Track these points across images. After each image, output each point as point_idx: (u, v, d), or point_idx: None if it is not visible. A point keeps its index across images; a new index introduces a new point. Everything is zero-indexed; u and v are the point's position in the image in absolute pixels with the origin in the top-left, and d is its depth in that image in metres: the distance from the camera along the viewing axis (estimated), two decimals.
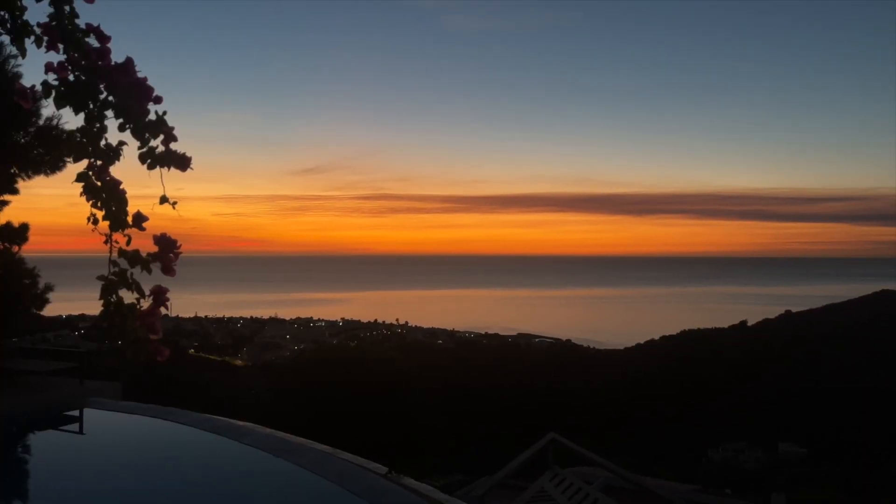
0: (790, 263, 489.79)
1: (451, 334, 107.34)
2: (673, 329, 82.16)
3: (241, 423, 5.05)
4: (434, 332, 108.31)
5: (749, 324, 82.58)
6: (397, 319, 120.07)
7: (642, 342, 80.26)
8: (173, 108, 1.85)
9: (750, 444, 50.72)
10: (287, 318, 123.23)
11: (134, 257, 1.78)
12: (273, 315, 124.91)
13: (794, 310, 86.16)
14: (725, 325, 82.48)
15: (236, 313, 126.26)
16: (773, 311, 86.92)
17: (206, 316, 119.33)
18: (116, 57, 1.82)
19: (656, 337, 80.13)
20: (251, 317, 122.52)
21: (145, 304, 1.81)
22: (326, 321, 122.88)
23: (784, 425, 53.62)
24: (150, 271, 1.80)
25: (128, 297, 1.80)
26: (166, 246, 1.80)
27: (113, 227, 1.78)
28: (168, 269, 1.82)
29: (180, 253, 1.83)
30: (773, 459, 48.08)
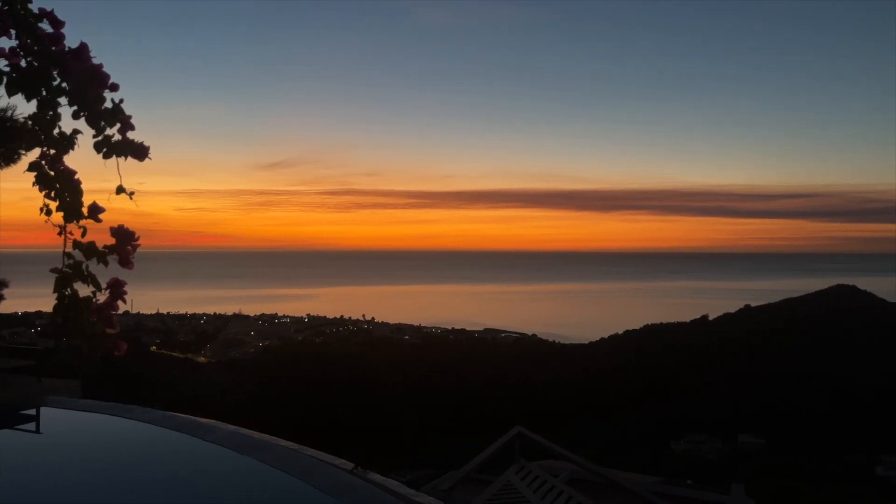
0: (750, 259, 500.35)
1: (417, 330, 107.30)
2: (636, 323, 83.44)
3: (204, 420, 4.96)
4: (401, 328, 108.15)
5: (710, 318, 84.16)
6: (364, 315, 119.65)
7: (606, 336, 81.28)
8: (133, 97, 1.79)
9: (711, 435, 51.74)
10: (251, 315, 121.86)
11: (90, 249, 1.73)
12: (237, 311, 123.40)
13: (753, 304, 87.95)
14: (687, 320, 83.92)
15: (199, 310, 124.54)
16: (734, 306, 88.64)
17: (168, 312, 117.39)
18: (70, 42, 1.77)
19: (620, 331, 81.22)
20: (215, 313, 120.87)
21: (102, 297, 1.76)
22: (292, 317, 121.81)
23: (743, 417, 54.81)
24: (106, 264, 1.74)
25: (83, 290, 1.74)
26: (124, 238, 1.75)
27: (67, 219, 1.72)
28: (126, 262, 1.77)
29: (138, 245, 1.78)
30: (733, 450, 49.13)
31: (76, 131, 1.76)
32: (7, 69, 1.73)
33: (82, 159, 1.79)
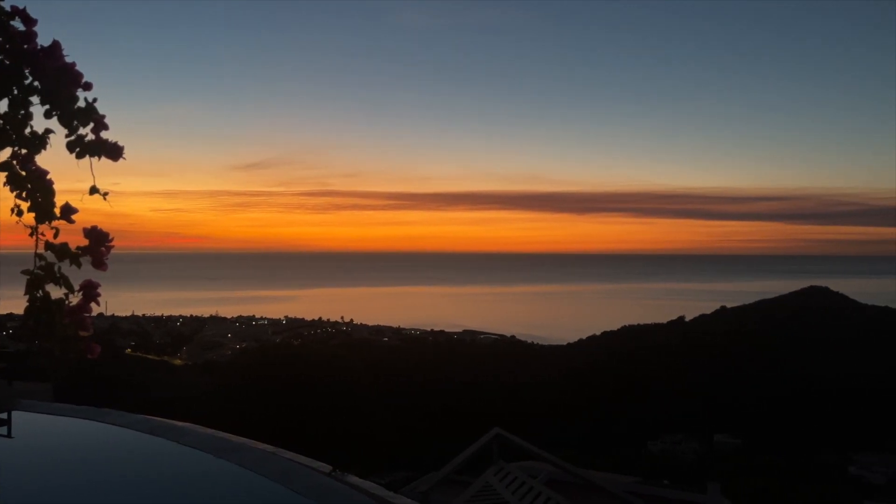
0: (725, 260, 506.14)
1: (396, 331, 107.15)
2: (613, 324, 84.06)
3: (179, 423, 4.91)
4: (380, 330, 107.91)
5: (686, 319, 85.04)
6: (342, 317, 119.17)
7: (584, 337, 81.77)
8: (108, 97, 1.76)
9: (687, 435, 52.22)
10: (229, 317, 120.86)
11: (62, 251, 1.70)
12: (214, 313, 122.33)
13: (728, 305, 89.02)
14: (664, 321, 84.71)
15: (176, 312, 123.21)
16: (709, 307, 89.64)
17: (143, 315, 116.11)
18: (43, 41, 1.74)
19: (597, 332, 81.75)
20: (191, 315, 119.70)
21: (74, 299, 1.73)
22: (269, 319, 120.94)
23: (719, 417, 55.42)
24: (79, 265, 1.71)
25: (56, 292, 1.71)
26: (97, 239, 1.73)
27: (39, 219, 1.69)
28: (99, 264, 1.74)
29: (112, 247, 1.75)
30: (709, 450, 49.63)
31: (48, 131, 1.72)
32: None
33: (55, 159, 1.75)
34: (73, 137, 1.73)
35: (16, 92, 1.70)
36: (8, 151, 1.71)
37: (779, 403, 56.64)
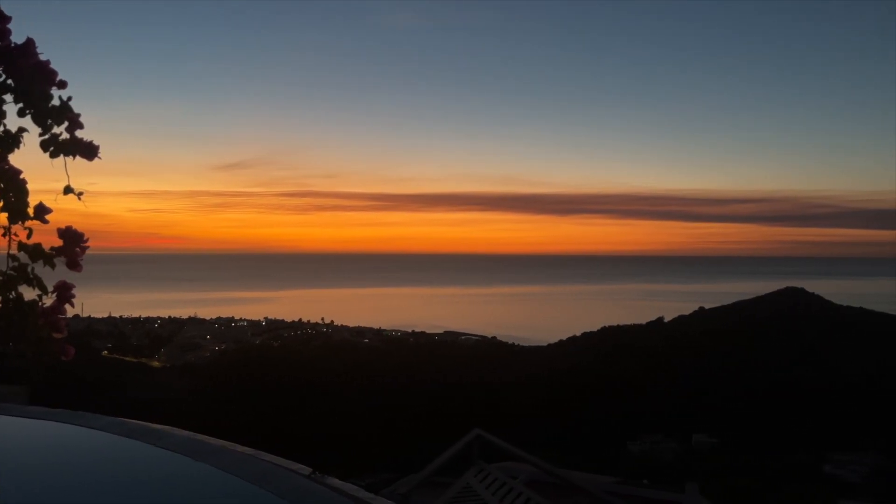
0: (704, 262, 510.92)
1: (377, 333, 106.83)
2: (593, 325, 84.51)
3: (157, 426, 4.85)
4: (360, 331, 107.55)
5: (665, 320, 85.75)
6: (323, 318, 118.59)
7: (564, 338, 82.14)
8: (83, 95, 1.74)
9: (666, 435, 52.65)
10: (208, 318, 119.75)
11: (36, 251, 1.67)
12: (193, 314, 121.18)
13: (707, 306, 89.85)
14: (643, 322, 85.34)
15: (153, 313, 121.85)
16: (688, 308, 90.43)
17: (120, 316, 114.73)
18: (17, 38, 1.71)
19: (578, 333, 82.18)
20: (169, 316, 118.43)
21: (48, 300, 1.70)
22: (249, 321, 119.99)
23: (697, 417, 55.93)
24: (53, 266, 1.68)
25: (29, 293, 1.69)
26: (72, 239, 1.70)
27: (12, 219, 1.66)
28: (74, 264, 1.71)
29: (87, 247, 1.73)
30: (687, 450, 50.07)
31: (22, 129, 1.70)
32: None
33: (28, 158, 1.73)
34: (47, 136, 1.70)
35: None
36: None
37: (755, 403, 57.31)
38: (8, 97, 1.68)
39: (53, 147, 1.70)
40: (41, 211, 1.69)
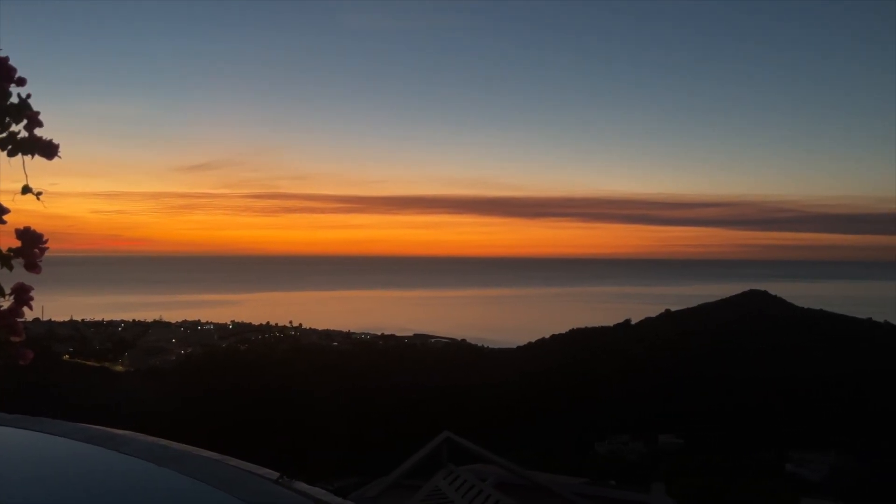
0: (669, 265, 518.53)
1: (346, 336, 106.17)
2: (562, 328, 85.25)
3: (119, 431, 4.75)
4: (329, 334, 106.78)
5: (632, 322, 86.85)
6: (291, 321, 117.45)
7: (533, 341, 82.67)
8: (44, 93, 1.70)
9: (633, 436, 53.25)
10: (173, 321, 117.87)
11: None
12: (158, 318, 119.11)
13: (672, 308, 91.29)
14: (611, 324, 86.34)
15: (117, 316, 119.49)
16: (654, 310, 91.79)
17: (82, 319, 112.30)
18: None
19: (547, 335, 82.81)
20: (133, 320, 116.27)
21: (6, 303, 1.65)
22: (215, 324, 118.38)
23: (663, 417, 56.70)
24: (10, 268, 1.64)
25: None
26: (30, 240, 1.65)
27: None
28: (32, 266, 1.67)
29: (46, 248, 1.68)
30: (653, 450, 50.70)
31: None
32: None
33: None
34: (4, 134, 1.65)
35: None
36: None
37: (719, 403, 58.27)
38: None
39: (11, 146, 1.65)
40: None
